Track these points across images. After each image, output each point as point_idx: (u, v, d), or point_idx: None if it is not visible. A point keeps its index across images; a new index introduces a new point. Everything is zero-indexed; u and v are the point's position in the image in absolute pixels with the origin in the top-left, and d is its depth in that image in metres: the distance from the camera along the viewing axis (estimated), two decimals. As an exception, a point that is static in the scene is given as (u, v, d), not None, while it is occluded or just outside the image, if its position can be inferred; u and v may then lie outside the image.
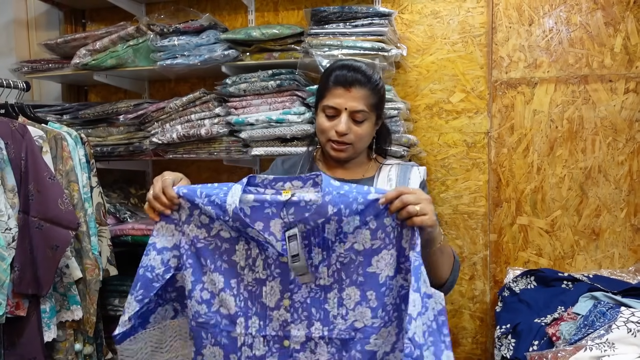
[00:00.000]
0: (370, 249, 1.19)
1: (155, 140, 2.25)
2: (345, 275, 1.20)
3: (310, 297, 1.22)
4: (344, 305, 1.21)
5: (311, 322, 1.22)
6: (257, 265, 1.23)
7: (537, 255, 2.34)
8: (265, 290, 1.23)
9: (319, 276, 1.21)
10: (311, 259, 1.21)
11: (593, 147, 2.26)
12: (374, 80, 1.47)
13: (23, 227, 1.70)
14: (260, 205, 1.22)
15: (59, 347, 1.84)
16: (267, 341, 1.23)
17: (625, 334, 1.40)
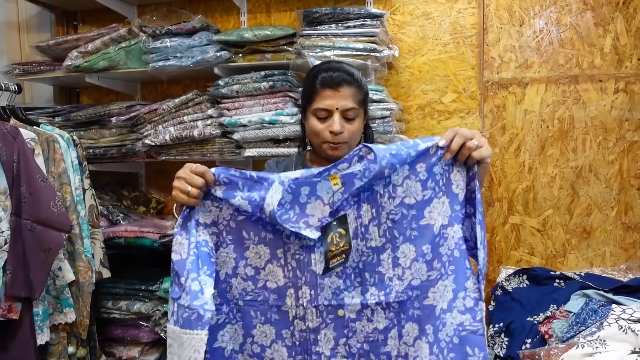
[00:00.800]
0: (422, 201, 1.16)
1: (148, 142, 2.24)
2: (398, 232, 1.16)
3: (362, 261, 1.18)
4: (399, 265, 1.17)
5: (366, 288, 1.18)
6: (301, 236, 1.17)
7: (529, 254, 2.35)
8: (314, 257, 1.17)
9: (369, 237, 1.16)
10: (360, 217, 1.16)
11: (584, 146, 2.28)
12: (358, 77, 1.51)
13: (15, 229, 1.69)
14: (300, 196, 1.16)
15: (52, 350, 1.84)
16: (319, 312, 1.18)
17: (617, 331, 1.41)
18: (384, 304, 1.18)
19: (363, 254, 1.18)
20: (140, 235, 2.22)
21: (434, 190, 1.16)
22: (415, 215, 1.17)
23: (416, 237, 1.17)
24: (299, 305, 1.19)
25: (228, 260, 1.20)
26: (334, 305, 1.19)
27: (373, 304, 1.18)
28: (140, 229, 2.23)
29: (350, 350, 1.20)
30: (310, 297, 1.19)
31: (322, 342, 1.19)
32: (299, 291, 1.19)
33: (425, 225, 1.17)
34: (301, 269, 1.19)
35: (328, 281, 1.19)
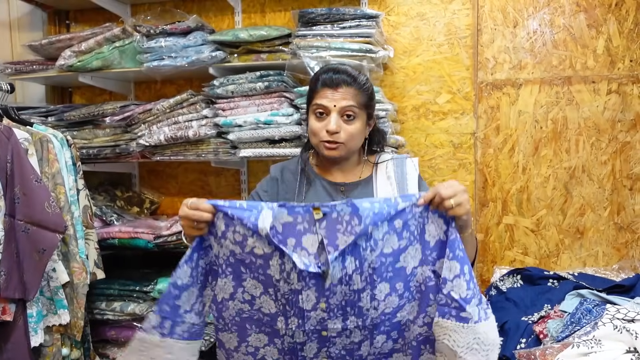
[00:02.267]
0: (398, 249, 1.30)
1: (142, 142, 2.23)
2: (377, 276, 1.30)
3: (345, 300, 1.30)
4: (375, 299, 1.31)
5: (346, 317, 1.32)
6: (291, 278, 1.28)
7: (523, 254, 2.37)
8: (301, 297, 1.29)
9: (352, 283, 1.29)
10: (345, 267, 1.27)
11: (577, 147, 2.30)
12: (360, 80, 1.51)
13: (9, 230, 1.68)
14: (293, 222, 1.28)
15: (46, 352, 1.82)
16: (306, 333, 1.33)
17: (612, 331, 1.43)
18: (361, 327, 1.33)
19: (346, 294, 1.30)
20: (135, 236, 2.21)
21: (409, 240, 1.31)
22: (392, 261, 1.31)
23: (391, 277, 1.32)
24: (289, 329, 1.33)
25: (226, 287, 1.33)
26: (319, 329, 1.33)
27: (352, 327, 1.33)
28: (134, 229, 2.22)
29: (330, 354, 1.36)
30: (298, 324, 1.32)
31: (307, 350, 1.35)
32: (289, 319, 1.33)
33: (400, 267, 1.32)
34: (290, 305, 1.31)
35: (314, 314, 1.31)
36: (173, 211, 2.64)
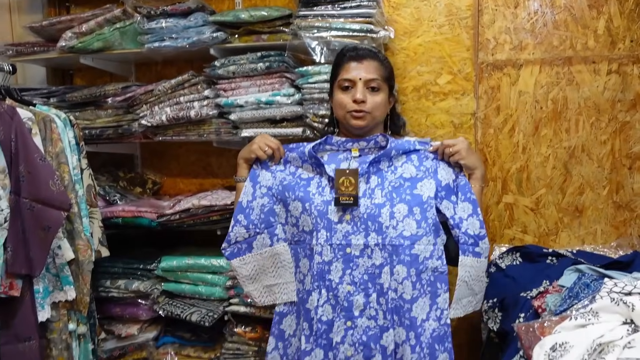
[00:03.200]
0: (415, 177, 1.58)
1: (145, 122, 2.25)
2: (396, 194, 1.56)
3: (367, 213, 1.55)
4: (394, 218, 1.54)
5: (368, 233, 1.55)
6: (325, 191, 1.59)
7: (523, 232, 2.39)
8: (330, 209, 1.56)
9: (374, 197, 1.56)
10: (369, 183, 1.57)
11: (577, 127, 2.31)
12: (382, 55, 1.69)
13: (15, 208, 1.70)
14: (334, 152, 1.64)
15: (53, 327, 1.86)
16: (333, 249, 1.56)
17: (609, 303, 1.45)
18: (381, 245, 1.55)
19: (368, 208, 1.55)
20: (138, 215, 2.23)
21: (424, 173, 1.59)
22: (410, 185, 1.58)
23: (409, 200, 1.56)
24: (318, 244, 1.57)
25: (280, 213, 1.66)
26: (343, 244, 1.55)
27: (373, 244, 1.55)
28: (137, 208, 2.25)
29: (353, 279, 1.55)
30: (326, 237, 1.56)
31: (333, 272, 1.56)
32: (319, 233, 1.57)
33: (417, 194, 1.57)
34: (320, 217, 1.57)
35: (340, 227, 1.56)
36: (175, 191, 2.67)
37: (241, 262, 1.67)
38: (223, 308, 2.22)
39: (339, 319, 1.57)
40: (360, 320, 1.56)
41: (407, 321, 1.55)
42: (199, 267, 2.24)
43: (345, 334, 1.56)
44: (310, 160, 1.62)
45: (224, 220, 2.19)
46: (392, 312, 1.55)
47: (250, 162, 1.68)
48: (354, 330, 1.56)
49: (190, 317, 2.17)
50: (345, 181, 1.55)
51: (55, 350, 1.87)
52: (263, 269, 1.68)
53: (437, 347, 1.58)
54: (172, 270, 2.26)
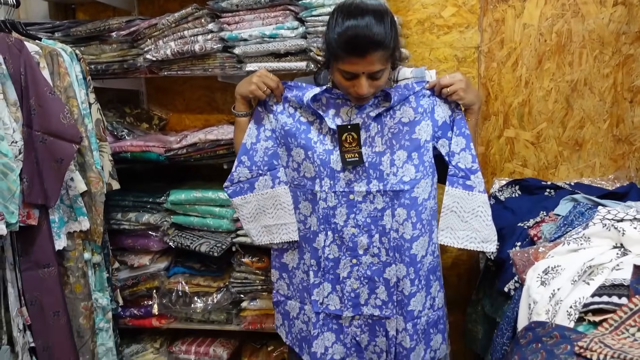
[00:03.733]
0: (413, 121, 1.58)
1: (149, 57, 2.25)
2: (396, 141, 1.59)
3: (368, 162, 1.59)
4: (395, 165, 1.59)
5: (370, 180, 1.60)
6: (326, 140, 1.62)
7: (522, 166, 2.44)
8: (332, 158, 1.60)
9: (375, 145, 1.59)
10: (369, 131, 1.59)
11: (580, 60, 2.31)
12: (387, 38, 1.43)
13: (28, 140, 1.74)
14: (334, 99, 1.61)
15: (69, 255, 1.94)
16: (337, 196, 1.62)
17: (601, 229, 1.51)
18: (382, 191, 1.61)
19: (369, 156, 1.60)
20: (146, 149, 2.28)
21: (422, 115, 1.59)
22: (409, 130, 1.59)
23: (408, 146, 1.59)
24: (322, 191, 1.63)
25: (282, 156, 1.69)
26: (347, 191, 1.62)
27: (374, 191, 1.61)
28: (145, 143, 2.29)
29: (357, 223, 1.63)
30: (330, 185, 1.62)
31: (338, 216, 1.64)
32: (322, 181, 1.63)
33: (415, 138, 1.59)
34: (323, 166, 1.61)
35: (343, 175, 1.61)
36: (181, 127, 2.71)
37: (242, 200, 1.72)
38: (231, 239, 2.30)
39: (344, 257, 1.67)
40: (365, 258, 1.66)
41: (407, 258, 1.64)
42: (206, 200, 2.30)
43: (351, 269, 1.67)
44: (310, 108, 1.61)
45: (230, 154, 2.24)
46: (394, 250, 1.64)
47: (247, 99, 1.68)
48: (359, 266, 1.67)
49: (199, 248, 2.26)
50: (348, 137, 1.57)
51: (72, 278, 1.96)
52: (263, 209, 1.72)
53: (431, 277, 1.71)
54: (181, 203, 2.32)
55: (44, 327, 1.85)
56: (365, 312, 1.69)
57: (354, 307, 1.69)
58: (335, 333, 1.73)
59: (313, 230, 1.69)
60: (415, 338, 1.68)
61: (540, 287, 1.45)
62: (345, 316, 1.70)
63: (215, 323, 2.37)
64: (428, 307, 1.70)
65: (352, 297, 1.69)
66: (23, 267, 1.81)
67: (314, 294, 1.70)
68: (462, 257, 2.58)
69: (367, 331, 1.71)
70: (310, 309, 1.72)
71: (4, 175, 1.64)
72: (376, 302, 1.68)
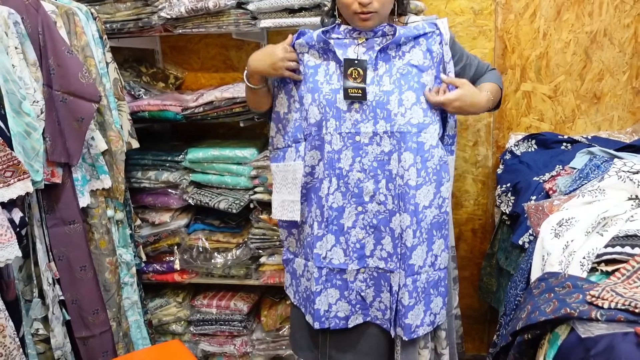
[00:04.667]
0: (422, 65, 1.58)
1: (164, 14, 2.24)
2: (404, 82, 1.57)
3: (375, 101, 1.56)
4: (403, 105, 1.56)
5: (377, 120, 1.57)
6: (332, 79, 1.60)
7: (539, 120, 2.43)
8: (338, 97, 1.58)
9: (382, 83, 1.56)
10: (377, 69, 1.57)
11: (600, 10, 2.26)
12: None
13: (48, 100, 1.78)
14: (341, 40, 1.60)
15: (93, 212, 2.00)
16: (342, 137, 1.60)
17: (616, 181, 1.51)
18: (389, 133, 1.58)
19: (376, 95, 1.57)
20: (163, 108, 2.30)
21: (430, 61, 1.58)
22: (417, 73, 1.58)
23: (417, 88, 1.57)
24: (328, 133, 1.61)
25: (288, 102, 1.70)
26: (353, 132, 1.59)
27: (381, 132, 1.58)
28: (162, 102, 2.31)
29: (363, 167, 1.61)
30: (335, 126, 1.60)
31: (343, 160, 1.61)
32: (328, 122, 1.60)
33: (424, 83, 1.58)
34: (329, 106, 1.59)
35: (349, 115, 1.59)
36: (197, 86, 2.72)
37: (276, 168, 1.74)
38: (249, 196, 2.34)
39: (349, 204, 1.63)
40: (371, 205, 1.62)
41: (412, 207, 1.59)
42: (224, 159, 2.33)
43: (356, 218, 1.64)
44: (319, 44, 1.60)
45: (246, 112, 2.25)
46: (399, 197, 1.60)
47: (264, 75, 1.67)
48: (364, 214, 1.63)
49: (218, 204, 2.30)
50: (353, 72, 1.54)
51: (97, 234, 2.02)
52: (285, 181, 1.72)
53: (434, 232, 1.65)
54: (199, 161, 2.36)
55: (72, 281, 1.93)
56: (371, 264, 1.66)
57: (359, 259, 1.66)
58: (340, 289, 1.68)
59: (319, 177, 1.66)
60: (415, 296, 1.63)
61: (554, 239, 1.46)
62: (350, 269, 1.66)
63: (235, 278, 2.44)
64: (429, 264, 1.65)
65: (357, 248, 1.65)
66: (49, 223, 1.87)
67: (317, 246, 1.66)
68: (477, 212, 2.60)
69: (372, 285, 1.68)
70: (312, 264, 1.68)
71: (27, 135, 1.69)
72: (382, 254, 1.65)
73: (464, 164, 2.54)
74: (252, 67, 1.66)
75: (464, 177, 2.56)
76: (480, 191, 2.57)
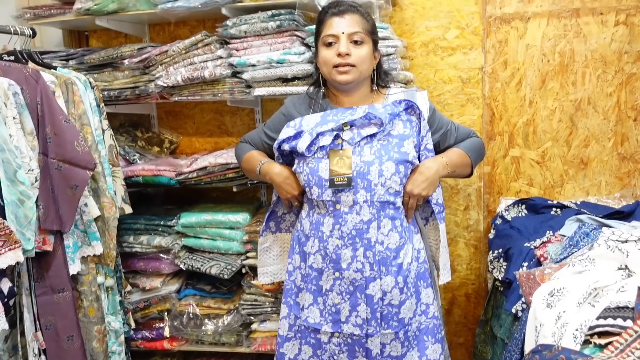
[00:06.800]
0: (403, 135, 1.64)
1: (161, 83, 2.31)
2: (385, 152, 1.62)
3: (356, 171, 1.61)
4: (383, 176, 1.61)
5: (357, 190, 1.61)
6: (316, 152, 1.66)
7: (529, 185, 2.46)
8: (321, 166, 1.64)
9: (363, 154, 1.62)
10: (359, 139, 1.63)
11: (583, 79, 2.34)
12: (363, 9, 1.70)
13: (44, 168, 1.80)
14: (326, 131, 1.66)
15: (83, 279, 1.98)
16: (324, 204, 1.66)
17: (605, 250, 1.53)
18: (369, 202, 1.62)
19: (357, 165, 1.61)
20: (157, 174, 2.33)
21: (410, 130, 1.66)
22: (398, 143, 1.63)
23: (397, 158, 1.62)
24: (312, 199, 1.68)
25: None
26: (333, 201, 1.64)
27: (361, 201, 1.62)
28: (157, 167, 2.34)
29: (342, 234, 1.64)
30: (318, 193, 1.65)
31: (325, 225, 1.67)
32: (312, 189, 1.67)
33: (404, 152, 1.63)
34: (312, 174, 1.65)
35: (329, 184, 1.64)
36: (192, 150, 2.75)
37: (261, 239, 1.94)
38: (240, 261, 2.33)
39: (327, 269, 1.68)
40: (347, 273, 1.65)
41: (395, 268, 1.65)
42: (216, 223, 2.34)
43: (333, 282, 1.67)
44: None
45: (239, 177, 2.28)
46: (380, 263, 1.64)
47: None
48: (341, 280, 1.66)
49: (209, 270, 2.29)
50: (339, 161, 1.61)
51: (86, 302, 2.00)
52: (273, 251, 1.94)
53: (419, 283, 1.72)
54: (191, 226, 2.36)
55: (58, 352, 1.88)
56: (345, 330, 1.66)
57: (333, 322, 1.68)
58: (313, 347, 1.71)
59: (305, 233, 1.73)
60: (407, 345, 1.68)
61: (546, 309, 1.46)
62: (324, 331, 1.68)
63: (226, 345, 2.40)
64: (419, 313, 1.71)
65: (333, 312, 1.67)
66: (38, 292, 1.85)
67: (299, 296, 1.76)
68: (470, 277, 2.60)
69: (346, 351, 1.68)
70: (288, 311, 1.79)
71: (21, 203, 1.69)
72: (357, 321, 1.66)
73: (456, 228, 2.56)
74: (270, 179, 1.81)
75: (456, 241, 2.57)
76: (473, 255, 2.57)
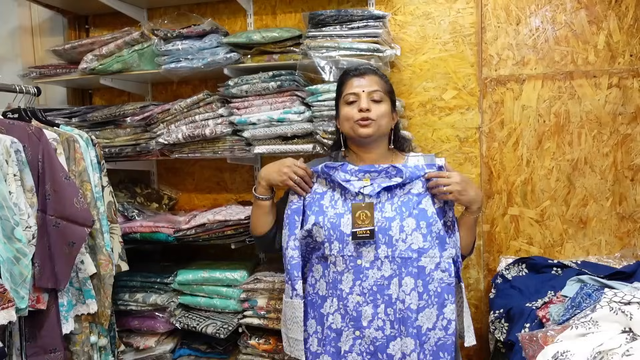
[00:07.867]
0: (422, 193, 1.67)
1: (162, 140, 2.34)
2: (405, 208, 1.65)
3: (378, 226, 1.63)
4: (404, 232, 1.63)
5: (378, 245, 1.63)
6: (337, 204, 1.68)
7: (528, 244, 2.45)
8: (342, 221, 1.65)
9: (384, 210, 1.65)
10: (379, 197, 1.66)
11: (579, 140, 2.37)
12: (380, 72, 1.82)
13: (42, 225, 1.79)
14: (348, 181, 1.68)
15: (76, 339, 1.94)
16: (345, 260, 1.65)
17: (608, 313, 1.51)
18: (391, 258, 1.63)
19: (379, 221, 1.63)
20: (155, 230, 2.32)
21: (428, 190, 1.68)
22: (417, 200, 1.67)
23: (417, 214, 1.64)
24: (332, 255, 1.67)
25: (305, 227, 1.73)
26: (355, 256, 1.64)
27: (383, 257, 1.63)
28: (155, 224, 2.33)
29: (363, 291, 1.63)
30: (339, 249, 1.65)
31: (344, 282, 1.65)
32: (332, 244, 1.67)
33: (423, 209, 1.66)
34: (333, 229, 1.66)
35: (351, 238, 1.64)
36: (190, 206, 2.76)
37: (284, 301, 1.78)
38: (237, 320, 2.29)
39: (347, 328, 1.64)
40: (368, 331, 1.63)
41: (414, 330, 1.62)
42: (214, 281, 2.31)
43: (353, 342, 1.64)
44: (324, 175, 1.72)
45: (237, 234, 2.27)
46: (400, 322, 1.62)
47: (272, 185, 1.76)
48: (362, 340, 1.63)
49: (205, 329, 2.24)
50: (361, 215, 1.63)
51: (78, 361, 1.95)
52: (285, 316, 1.76)
53: (441, 354, 1.64)
54: (188, 283, 2.33)
55: (47, 415, 1.82)
56: None
57: None
58: None
59: (322, 295, 1.71)
60: None
61: (550, 373, 1.42)
62: None
63: (220, 407, 2.32)
64: None
65: None
66: (29, 352, 1.81)
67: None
68: (471, 337, 2.54)
69: None
70: None
71: (16, 261, 1.68)
72: None
73: (456, 286, 2.52)
74: (262, 174, 1.77)
75: (457, 301, 2.53)
76: (474, 315, 2.52)
